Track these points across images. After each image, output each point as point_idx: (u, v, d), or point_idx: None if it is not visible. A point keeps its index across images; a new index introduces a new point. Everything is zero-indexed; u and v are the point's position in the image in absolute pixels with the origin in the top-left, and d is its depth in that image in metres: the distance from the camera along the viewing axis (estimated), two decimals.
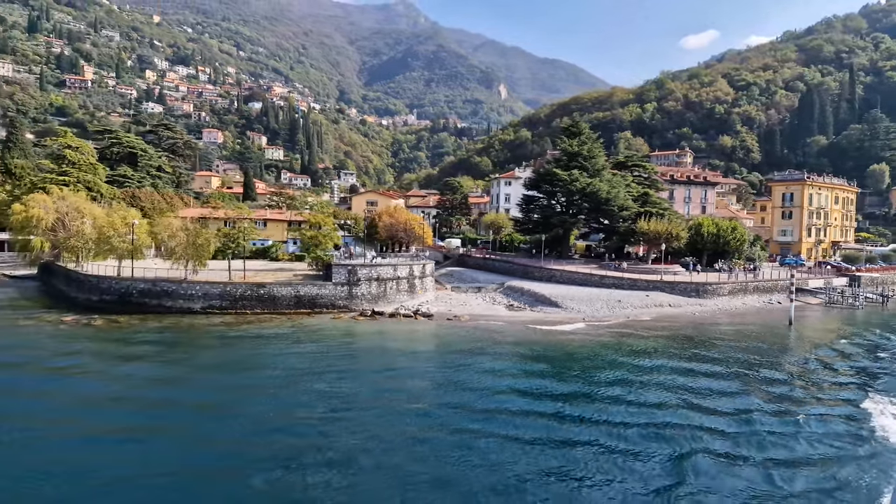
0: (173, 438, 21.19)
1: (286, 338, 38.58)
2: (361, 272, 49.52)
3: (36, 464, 18.64)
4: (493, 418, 23.70)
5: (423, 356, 36.00)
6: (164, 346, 36.27)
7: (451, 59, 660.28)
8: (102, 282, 46.60)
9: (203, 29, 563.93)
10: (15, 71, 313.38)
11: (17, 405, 24.53)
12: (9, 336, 37.29)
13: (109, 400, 25.31)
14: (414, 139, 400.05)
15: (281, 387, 27.68)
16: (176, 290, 45.33)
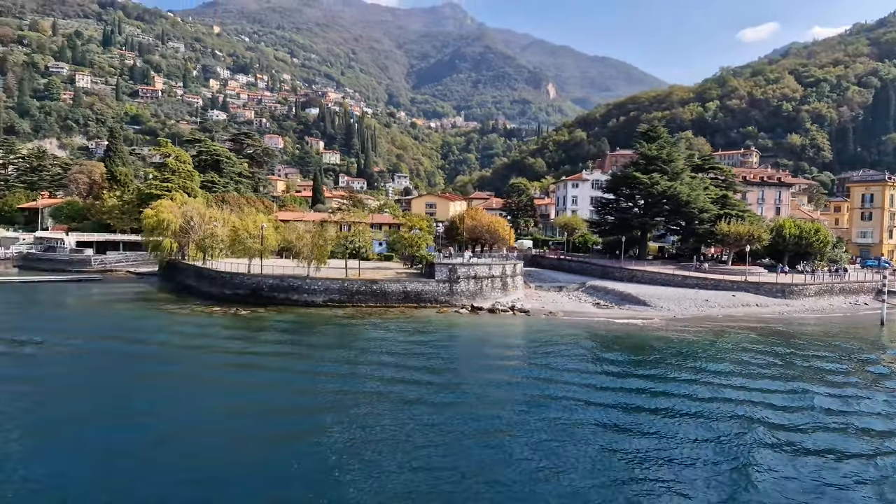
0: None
1: (407, 328, 42.77)
2: (461, 270, 53.43)
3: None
4: (605, 406, 26.11)
5: (535, 347, 39.21)
6: (307, 332, 41.20)
7: (498, 60, 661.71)
8: (235, 278, 52.14)
9: (259, 38, 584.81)
10: (93, 82, 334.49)
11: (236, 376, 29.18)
12: (178, 324, 43.00)
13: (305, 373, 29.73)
14: (463, 141, 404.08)
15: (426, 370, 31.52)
16: (301, 286, 50.41)
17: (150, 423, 22.39)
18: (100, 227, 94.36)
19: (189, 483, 17.53)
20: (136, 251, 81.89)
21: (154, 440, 20.63)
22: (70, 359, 33.14)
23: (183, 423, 22.71)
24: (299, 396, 26.63)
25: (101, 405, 24.60)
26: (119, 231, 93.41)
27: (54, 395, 26.09)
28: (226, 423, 22.98)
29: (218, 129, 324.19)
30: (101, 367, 31.33)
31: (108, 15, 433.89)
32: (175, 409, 24.27)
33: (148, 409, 24.04)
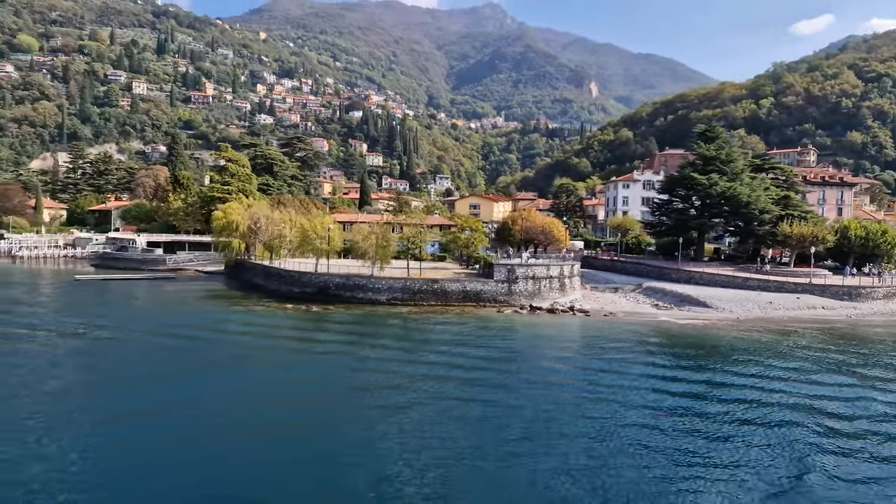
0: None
1: (470, 326, 43.91)
2: (519, 271, 54.28)
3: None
4: (677, 405, 26.47)
5: (599, 346, 39.63)
6: (374, 328, 43.06)
7: (538, 60, 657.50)
8: (303, 276, 54.43)
9: (303, 42, 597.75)
10: (148, 89, 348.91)
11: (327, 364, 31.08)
12: (258, 318, 45.70)
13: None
14: (504, 141, 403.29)
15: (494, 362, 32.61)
16: (366, 284, 52.26)
17: (264, 391, 27.07)
18: (166, 227, 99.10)
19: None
20: (202, 251, 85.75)
21: (265, 404, 23.18)
22: (180, 348, 36.55)
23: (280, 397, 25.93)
24: (370, 382, 28.80)
25: (217, 381, 29.07)
26: (183, 231, 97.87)
27: (173, 374, 30.24)
28: (316, 397, 26.83)
29: (265, 133, 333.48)
30: (206, 355, 34.58)
31: (161, 24, 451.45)
32: (277, 387, 27.41)
33: (262, 379, 29.34)
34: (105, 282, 64.27)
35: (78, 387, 27.05)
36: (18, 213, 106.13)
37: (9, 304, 50.56)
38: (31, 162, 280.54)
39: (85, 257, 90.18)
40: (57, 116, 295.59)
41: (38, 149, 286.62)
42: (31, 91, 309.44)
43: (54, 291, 58.89)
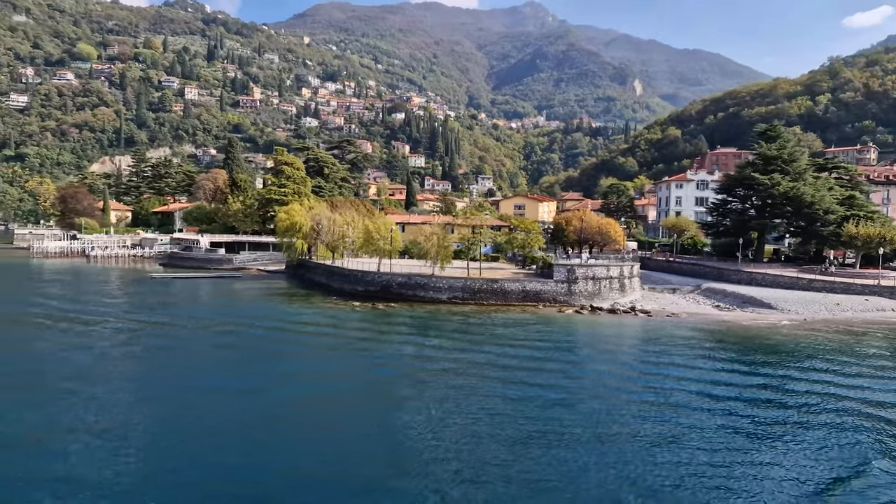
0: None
1: (532, 324, 44.59)
2: (579, 271, 54.61)
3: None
4: (751, 405, 26.53)
5: (667, 346, 39.64)
6: (440, 324, 44.13)
7: (581, 58, 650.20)
8: (366, 275, 56.17)
9: (345, 46, 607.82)
10: (200, 94, 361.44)
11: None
12: (331, 314, 47.73)
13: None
14: (546, 141, 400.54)
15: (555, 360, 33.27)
16: (427, 283, 53.60)
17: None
18: (226, 228, 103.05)
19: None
20: (261, 250, 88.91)
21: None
22: (275, 339, 39.57)
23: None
24: (443, 370, 30.22)
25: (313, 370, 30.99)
26: (242, 232, 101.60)
27: (277, 358, 33.66)
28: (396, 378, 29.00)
29: (311, 136, 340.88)
30: (295, 346, 37.26)
31: (211, 31, 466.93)
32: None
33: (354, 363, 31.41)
34: (179, 280, 67.67)
35: (211, 367, 32.43)
36: (88, 215, 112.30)
37: (109, 298, 55.24)
38: (91, 165, 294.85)
39: (152, 257, 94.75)
40: (115, 122, 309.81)
41: (98, 153, 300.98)
42: (91, 98, 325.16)
43: (139, 289, 62.47)
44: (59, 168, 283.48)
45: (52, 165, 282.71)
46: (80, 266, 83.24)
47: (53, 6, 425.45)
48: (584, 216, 71.75)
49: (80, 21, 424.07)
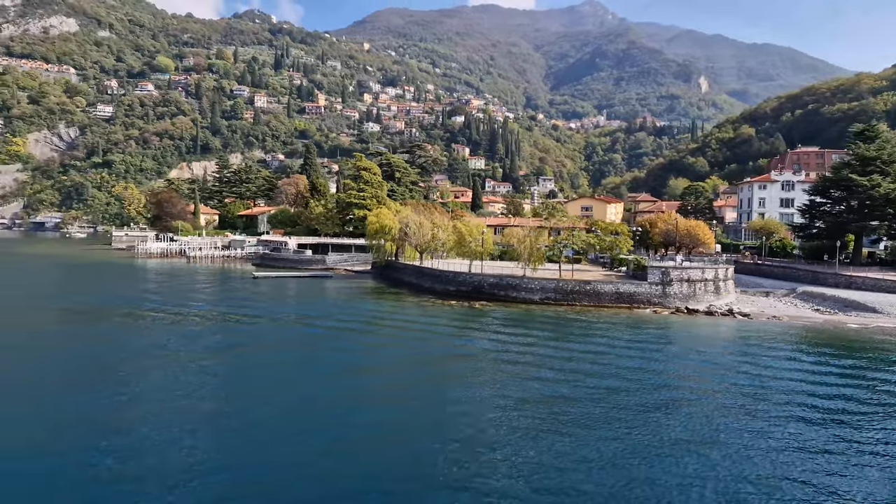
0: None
1: (632, 325, 44.86)
2: (674, 273, 54.46)
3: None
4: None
5: (776, 347, 39.22)
6: (538, 323, 45.02)
7: (642, 55, 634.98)
8: (458, 276, 57.94)
9: (404, 51, 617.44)
10: (268, 102, 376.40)
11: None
12: (432, 312, 49.62)
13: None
14: (608, 141, 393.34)
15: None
16: (519, 284, 54.80)
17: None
18: (308, 231, 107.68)
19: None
20: (345, 252, 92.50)
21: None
22: (383, 333, 41.85)
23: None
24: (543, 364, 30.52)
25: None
26: (324, 234, 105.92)
27: (393, 343, 33.92)
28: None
29: (373, 140, 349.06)
30: (406, 337, 38.62)
31: (277, 41, 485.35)
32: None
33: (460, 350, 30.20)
34: (280, 279, 71.72)
35: (346, 348, 36.35)
36: (180, 218, 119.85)
37: (226, 294, 60.62)
38: (171, 171, 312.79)
39: (243, 257, 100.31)
40: (192, 129, 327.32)
41: (177, 159, 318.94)
42: (170, 107, 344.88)
43: (248, 286, 66.56)
44: (142, 174, 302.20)
45: (136, 171, 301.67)
46: (183, 266, 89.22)
47: (134, 21, 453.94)
48: (669, 218, 71.13)
49: (158, 35, 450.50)
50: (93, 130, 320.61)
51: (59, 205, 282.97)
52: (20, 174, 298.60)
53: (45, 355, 33.03)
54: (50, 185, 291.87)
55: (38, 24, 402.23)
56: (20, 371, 29.56)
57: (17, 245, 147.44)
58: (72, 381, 27.62)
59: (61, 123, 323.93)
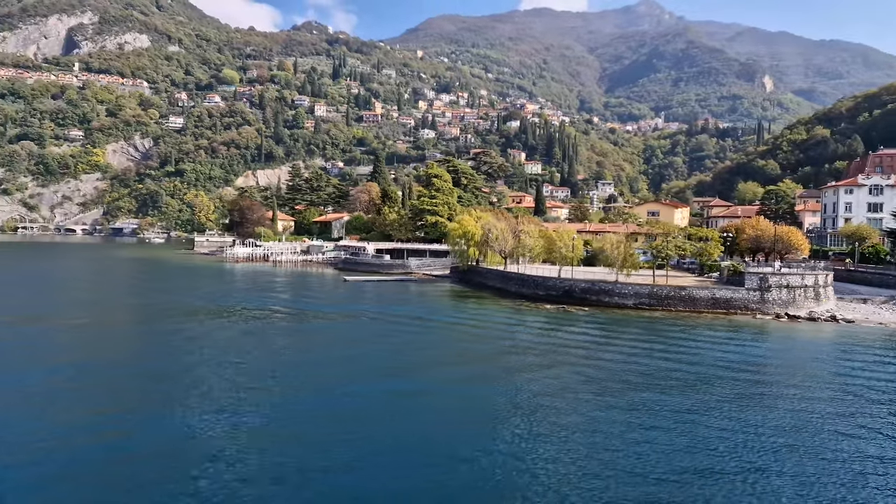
0: None
1: (736, 330, 44.36)
2: (772, 279, 53.66)
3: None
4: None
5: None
6: (637, 327, 45.30)
7: (702, 55, 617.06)
8: (547, 281, 58.88)
9: (457, 57, 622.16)
10: (327, 111, 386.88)
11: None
12: (530, 316, 50.72)
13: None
14: (668, 144, 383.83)
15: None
16: (611, 289, 55.25)
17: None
18: (382, 236, 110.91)
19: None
20: (420, 257, 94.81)
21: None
22: (488, 335, 42.41)
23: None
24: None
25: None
26: (397, 240, 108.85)
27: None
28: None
29: (429, 147, 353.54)
30: (516, 339, 39.57)
31: (334, 51, 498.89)
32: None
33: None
34: (366, 282, 74.59)
35: (457, 341, 39.07)
36: (260, 224, 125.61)
37: (334, 295, 63.90)
38: (237, 179, 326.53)
39: (322, 261, 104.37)
40: (256, 139, 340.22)
41: (242, 167, 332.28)
42: (236, 118, 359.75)
43: (344, 290, 69.27)
44: (211, 182, 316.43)
45: (205, 179, 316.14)
46: (270, 270, 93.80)
47: (201, 36, 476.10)
48: (757, 223, 69.88)
49: (223, 48, 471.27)
50: (165, 141, 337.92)
51: (136, 212, 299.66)
52: (100, 183, 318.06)
53: (254, 348, 36.46)
54: (127, 193, 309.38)
55: (114, 41, 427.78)
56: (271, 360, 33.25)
57: (111, 249, 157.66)
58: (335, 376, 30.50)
59: (136, 135, 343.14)
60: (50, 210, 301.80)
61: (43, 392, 25.95)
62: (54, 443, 19.66)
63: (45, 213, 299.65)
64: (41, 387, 26.68)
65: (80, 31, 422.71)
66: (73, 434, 20.63)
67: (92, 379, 28.61)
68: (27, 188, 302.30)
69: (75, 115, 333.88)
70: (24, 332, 41.09)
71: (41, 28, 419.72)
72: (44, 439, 19.92)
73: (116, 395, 26.06)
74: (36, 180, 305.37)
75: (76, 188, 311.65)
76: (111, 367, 31.32)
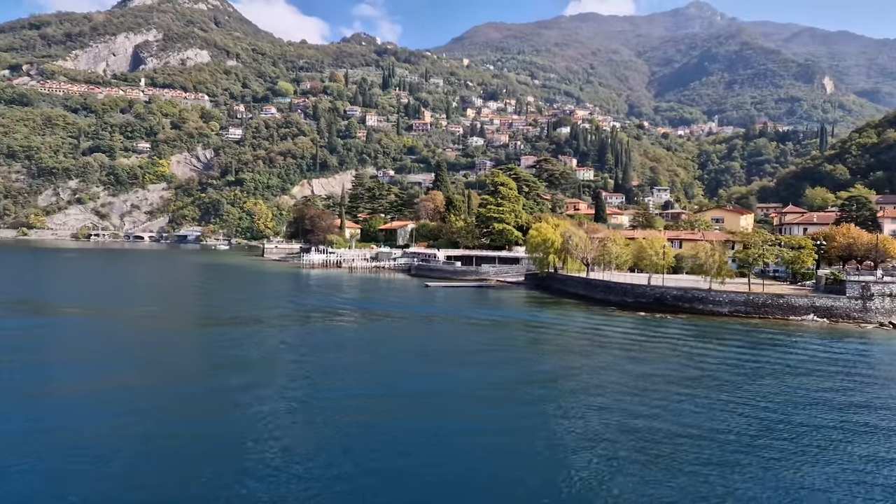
0: None
1: (841, 340, 43.96)
2: (874, 287, 52.55)
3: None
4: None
5: None
6: (741, 334, 45.37)
7: (757, 56, 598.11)
8: (635, 288, 59.21)
9: (502, 64, 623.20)
10: (378, 121, 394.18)
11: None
12: (626, 323, 51.22)
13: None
14: (724, 148, 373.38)
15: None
16: (705, 297, 55.18)
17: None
18: (449, 243, 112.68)
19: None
20: (490, 263, 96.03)
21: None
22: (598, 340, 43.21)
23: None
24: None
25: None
26: (464, 247, 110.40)
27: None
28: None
29: (478, 154, 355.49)
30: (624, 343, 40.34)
31: (383, 61, 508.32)
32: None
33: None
34: (445, 288, 76.34)
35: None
36: (329, 232, 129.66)
37: (423, 301, 66.25)
38: (293, 188, 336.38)
39: (393, 268, 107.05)
40: (311, 149, 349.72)
41: (298, 176, 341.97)
42: (291, 129, 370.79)
43: (430, 294, 71.75)
44: (269, 191, 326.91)
45: (263, 188, 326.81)
46: (347, 275, 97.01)
47: (257, 50, 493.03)
48: (848, 231, 68.26)
49: (277, 62, 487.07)
50: (225, 151, 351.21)
51: (199, 219, 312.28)
52: (165, 192, 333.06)
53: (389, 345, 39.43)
54: (190, 201, 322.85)
55: (177, 57, 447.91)
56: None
57: (184, 255, 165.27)
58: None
59: (199, 146, 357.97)
60: (120, 218, 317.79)
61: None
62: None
63: (116, 220, 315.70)
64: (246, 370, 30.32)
65: (145, 48, 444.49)
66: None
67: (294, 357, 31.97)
68: (99, 198, 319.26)
69: (142, 127, 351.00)
70: (191, 334, 44.98)
71: (110, 46, 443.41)
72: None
73: (307, 377, 29.51)
74: (107, 190, 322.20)
75: (144, 197, 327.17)
76: (288, 353, 35.83)
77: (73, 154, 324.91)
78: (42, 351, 36.82)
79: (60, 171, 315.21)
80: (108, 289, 75.73)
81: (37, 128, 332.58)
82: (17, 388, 27.03)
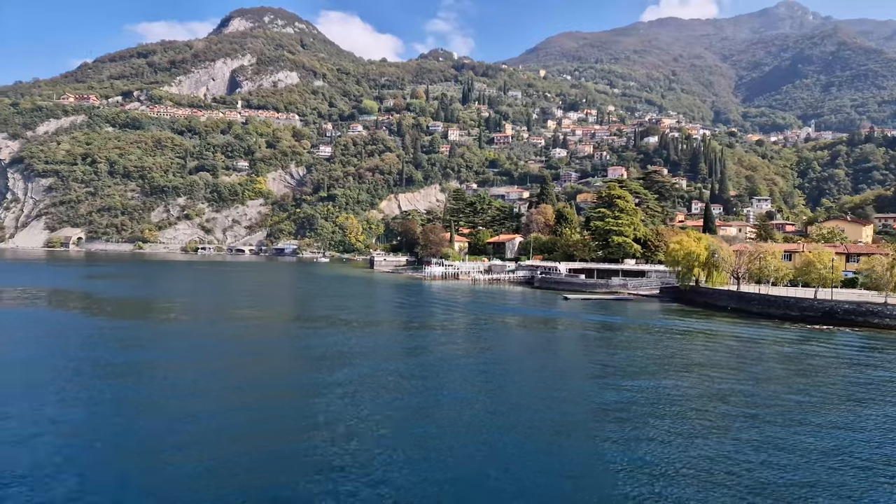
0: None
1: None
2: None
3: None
4: None
5: None
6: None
7: (856, 56, 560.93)
8: (801, 301, 58.04)
9: (580, 74, 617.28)
10: (460, 135, 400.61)
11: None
12: (822, 339, 50.07)
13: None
14: (826, 155, 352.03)
15: None
16: (881, 311, 53.44)
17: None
18: (564, 256, 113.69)
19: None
20: (616, 276, 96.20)
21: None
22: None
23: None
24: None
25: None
26: (580, 259, 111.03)
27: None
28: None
29: (561, 165, 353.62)
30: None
31: (462, 76, 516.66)
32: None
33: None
34: (587, 301, 77.35)
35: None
36: (441, 246, 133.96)
37: (572, 311, 66.99)
38: (381, 203, 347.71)
39: (510, 280, 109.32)
40: (397, 164, 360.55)
41: (385, 191, 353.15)
42: (377, 145, 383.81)
43: (568, 305, 73.22)
44: (359, 205, 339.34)
45: (353, 203, 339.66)
46: (469, 287, 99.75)
47: (341, 70, 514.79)
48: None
49: (360, 80, 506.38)
50: (317, 169, 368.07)
51: (295, 233, 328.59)
52: (262, 208, 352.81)
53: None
54: (286, 216, 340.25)
55: (269, 79, 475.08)
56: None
57: (291, 267, 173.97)
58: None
59: (292, 164, 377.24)
60: (222, 232, 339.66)
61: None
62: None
63: (219, 235, 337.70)
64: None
65: (241, 72, 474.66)
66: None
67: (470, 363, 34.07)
68: (204, 213, 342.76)
69: (241, 147, 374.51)
70: (368, 335, 48.46)
71: (210, 71, 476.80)
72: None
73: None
74: (211, 206, 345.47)
75: (243, 213, 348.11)
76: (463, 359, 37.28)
77: (181, 173, 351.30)
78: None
79: (170, 188, 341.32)
80: (281, 298, 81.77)
81: (148, 149, 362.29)
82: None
